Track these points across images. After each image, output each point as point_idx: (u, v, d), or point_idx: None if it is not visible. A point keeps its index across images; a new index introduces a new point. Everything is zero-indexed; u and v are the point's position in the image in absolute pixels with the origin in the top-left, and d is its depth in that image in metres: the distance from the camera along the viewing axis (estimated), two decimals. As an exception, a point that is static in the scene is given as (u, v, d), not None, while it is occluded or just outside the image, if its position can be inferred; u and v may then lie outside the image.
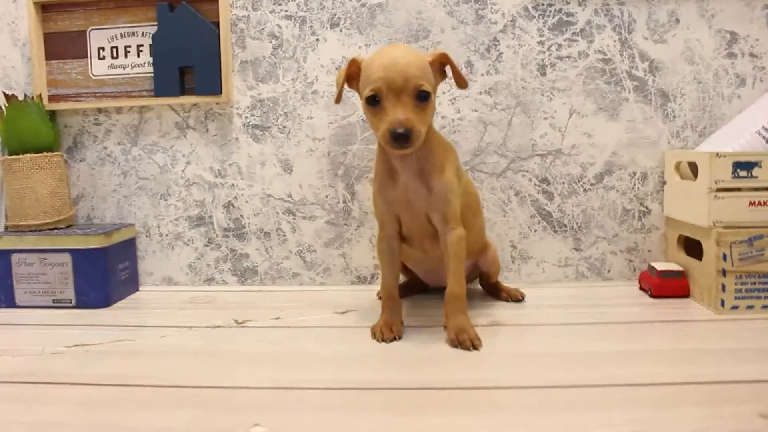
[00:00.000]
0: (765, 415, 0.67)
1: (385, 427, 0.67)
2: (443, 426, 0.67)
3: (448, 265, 0.97)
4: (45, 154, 1.23)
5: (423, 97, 0.89)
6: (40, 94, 1.27)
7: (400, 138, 0.87)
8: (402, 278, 1.14)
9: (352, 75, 0.95)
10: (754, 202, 1.04)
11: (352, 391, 0.77)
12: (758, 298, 1.04)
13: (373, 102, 0.90)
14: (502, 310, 1.09)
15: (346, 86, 0.97)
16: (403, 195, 0.97)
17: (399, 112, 0.87)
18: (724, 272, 1.04)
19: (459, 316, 0.94)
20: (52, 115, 1.30)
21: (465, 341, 0.90)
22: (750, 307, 1.04)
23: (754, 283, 1.04)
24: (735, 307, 1.04)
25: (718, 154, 1.04)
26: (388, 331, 0.95)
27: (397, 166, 0.96)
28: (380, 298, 1.09)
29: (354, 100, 1.25)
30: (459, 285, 0.96)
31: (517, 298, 1.14)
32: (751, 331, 0.95)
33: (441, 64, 0.95)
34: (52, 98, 1.29)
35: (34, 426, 0.69)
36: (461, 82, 0.96)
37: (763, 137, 1.09)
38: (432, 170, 0.95)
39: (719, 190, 1.04)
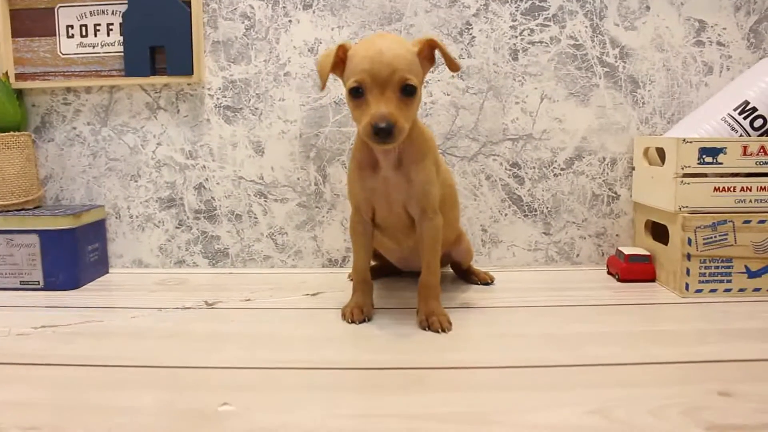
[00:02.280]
0: (723, 393, 0.69)
1: (358, 405, 0.68)
2: (417, 403, 0.68)
3: (423, 255, 0.97)
4: (12, 133, 1.21)
5: (409, 92, 0.86)
6: (6, 72, 1.25)
7: (382, 133, 0.83)
8: (373, 262, 1.14)
9: (338, 61, 0.91)
10: (719, 188, 1.06)
11: (323, 371, 0.77)
12: (721, 282, 1.07)
13: (356, 94, 0.86)
14: (472, 293, 1.10)
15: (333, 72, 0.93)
16: (381, 186, 0.95)
17: (382, 106, 0.84)
18: (688, 256, 1.06)
19: (431, 301, 0.95)
20: (19, 93, 1.27)
21: (434, 323, 0.91)
22: (713, 291, 1.07)
23: (717, 267, 1.06)
24: (699, 291, 1.07)
25: (684, 140, 1.05)
26: (359, 313, 0.95)
27: (379, 158, 0.94)
28: (351, 279, 1.10)
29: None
30: (433, 275, 0.96)
31: (486, 281, 1.16)
32: (713, 314, 0.98)
33: (430, 49, 0.92)
34: (19, 77, 1.27)
35: (1, 406, 0.68)
36: (453, 66, 0.93)
37: (729, 124, 1.11)
38: (412, 162, 0.93)
39: (685, 175, 1.06)
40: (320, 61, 0.92)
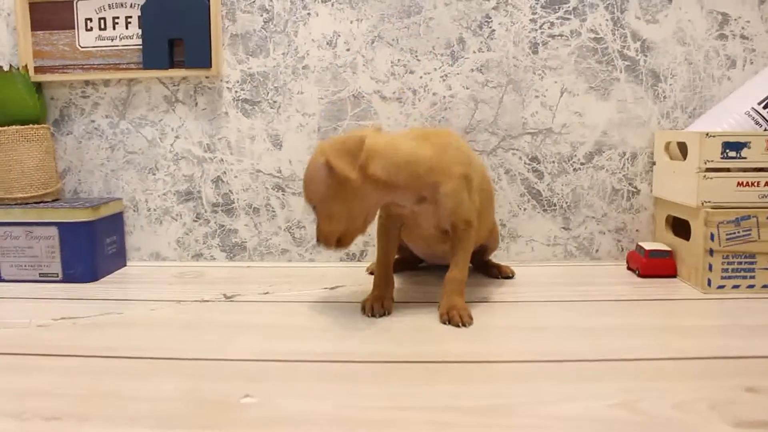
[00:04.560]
0: (750, 389, 0.68)
1: (379, 396, 0.67)
2: (440, 395, 0.67)
3: (453, 255, 0.96)
4: (31, 126, 1.21)
5: (316, 209, 0.92)
6: (26, 65, 1.25)
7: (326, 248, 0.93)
8: (396, 255, 1.14)
9: None
10: (742, 183, 1.05)
11: (344, 363, 0.77)
12: (744, 277, 1.05)
13: None
14: (491, 288, 1.10)
15: None
16: (409, 214, 0.97)
17: (316, 230, 0.93)
18: (711, 252, 1.05)
19: (455, 296, 0.94)
20: (38, 86, 1.28)
21: (454, 317, 0.90)
22: (736, 287, 1.05)
23: (741, 263, 1.05)
24: (721, 287, 1.05)
25: (707, 134, 1.04)
26: (379, 306, 0.95)
27: (396, 200, 0.94)
28: (371, 273, 1.10)
29: (345, 75, 1.24)
30: (461, 272, 0.96)
31: (507, 275, 1.15)
32: (737, 310, 0.96)
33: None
34: (38, 69, 1.27)
35: (24, 395, 0.69)
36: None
37: (753, 118, 1.10)
38: (434, 192, 0.92)
39: (708, 170, 1.05)
40: None
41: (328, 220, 0.90)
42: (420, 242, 1.05)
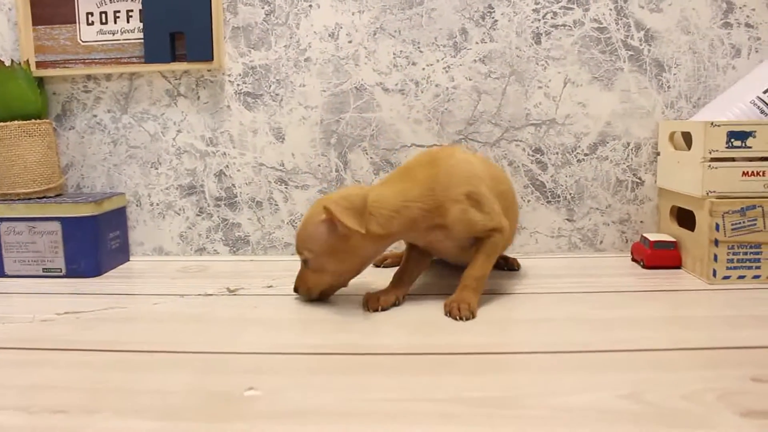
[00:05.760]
0: (756, 379, 0.68)
1: (385, 389, 0.67)
2: (446, 387, 0.67)
3: (476, 257, 0.95)
4: (33, 121, 1.21)
5: (307, 263, 0.95)
6: (28, 60, 1.25)
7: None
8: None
9: None
10: (748, 172, 1.04)
11: (349, 355, 0.77)
12: (749, 268, 1.05)
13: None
14: (496, 279, 1.09)
15: None
16: (425, 239, 0.96)
17: (297, 278, 0.98)
18: (716, 242, 1.04)
19: (467, 291, 0.93)
20: (40, 81, 1.27)
21: (454, 309, 0.89)
22: (741, 277, 1.05)
23: (746, 254, 1.05)
24: (727, 277, 1.05)
25: (712, 124, 1.03)
26: (375, 302, 0.94)
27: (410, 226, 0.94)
28: (376, 266, 1.12)
29: (347, 67, 1.24)
30: (479, 270, 0.94)
31: (513, 267, 1.15)
32: (743, 300, 0.96)
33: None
34: (40, 64, 1.27)
35: (30, 389, 0.69)
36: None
37: (758, 107, 1.09)
38: (442, 220, 0.92)
39: (713, 159, 1.04)
40: None
41: (318, 275, 0.95)
42: (450, 254, 1.03)
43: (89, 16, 1.25)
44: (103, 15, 1.25)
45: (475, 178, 0.95)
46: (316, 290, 0.96)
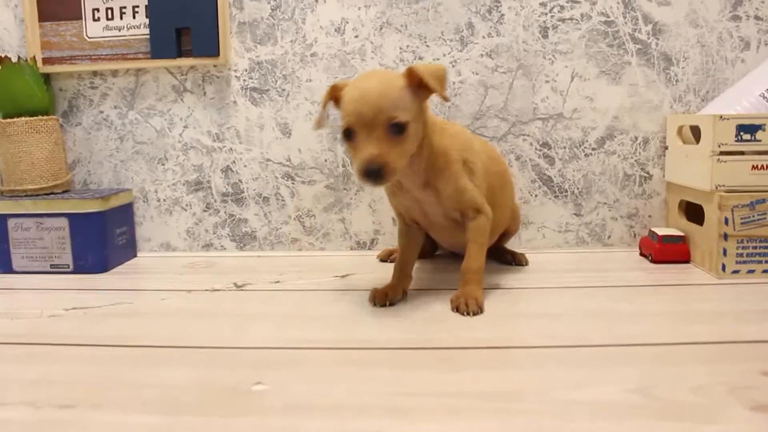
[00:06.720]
0: (766, 373, 0.67)
1: (391, 383, 0.67)
2: (452, 382, 0.67)
3: (467, 246, 0.95)
4: (40, 117, 1.21)
5: (397, 129, 0.82)
6: (34, 57, 1.25)
7: (372, 175, 0.81)
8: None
9: (336, 100, 0.89)
10: (757, 166, 1.03)
11: (355, 350, 0.77)
12: (759, 262, 1.04)
13: (348, 136, 0.85)
14: (503, 274, 1.09)
15: (334, 107, 0.91)
16: (415, 204, 0.96)
17: (371, 148, 0.81)
18: (725, 236, 1.04)
19: (470, 285, 0.93)
20: (47, 78, 1.28)
21: (461, 305, 0.89)
22: (751, 272, 1.04)
23: (756, 248, 1.04)
24: (736, 272, 1.04)
25: (721, 117, 1.03)
26: (382, 296, 0.94)
27: (402, 182, 0.93)
28: (382, 260, 1.11)
29: (354, 62, 1.23)
30: (475, 262, 0.95)
31: (520, 262, 1.15)
32: (752, 294, 0.95)
33: (419, 77, 0.85)
34: (46, 61, 1.27)
35: (37, 384, 0.69)
36: (441, 97, 0.86)
37: (767, 100, 1.08)
38: (437, 178, 0.92)
39: (722, 153, 1.04)
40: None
41: (402, 145, 0.84)
42: (440, 233, 1.04)
43: (95, 12, 1.25)
44: (109, 11, 1.25)
45: (473, 149, 0.97)
46: (401, 162, 0.84)
